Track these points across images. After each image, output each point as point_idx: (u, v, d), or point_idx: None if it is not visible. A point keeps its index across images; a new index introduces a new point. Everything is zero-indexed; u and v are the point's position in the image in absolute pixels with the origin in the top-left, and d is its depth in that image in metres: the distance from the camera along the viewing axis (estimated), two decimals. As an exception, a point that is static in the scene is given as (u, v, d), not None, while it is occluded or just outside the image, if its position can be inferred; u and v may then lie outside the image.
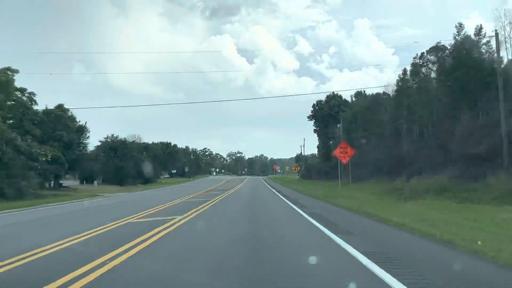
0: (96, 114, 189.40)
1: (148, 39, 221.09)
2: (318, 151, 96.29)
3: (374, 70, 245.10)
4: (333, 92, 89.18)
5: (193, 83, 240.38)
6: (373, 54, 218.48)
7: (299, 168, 52.33)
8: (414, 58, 50.82)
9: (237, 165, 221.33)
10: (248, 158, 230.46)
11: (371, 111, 54.96)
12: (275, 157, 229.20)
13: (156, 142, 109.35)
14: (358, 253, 7.27)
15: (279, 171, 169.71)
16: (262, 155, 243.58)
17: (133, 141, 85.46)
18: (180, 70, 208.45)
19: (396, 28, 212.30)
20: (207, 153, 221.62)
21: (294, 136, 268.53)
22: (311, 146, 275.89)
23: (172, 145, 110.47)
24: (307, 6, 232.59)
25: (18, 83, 34.20)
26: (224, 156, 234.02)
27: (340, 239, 8.92)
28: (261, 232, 10.71)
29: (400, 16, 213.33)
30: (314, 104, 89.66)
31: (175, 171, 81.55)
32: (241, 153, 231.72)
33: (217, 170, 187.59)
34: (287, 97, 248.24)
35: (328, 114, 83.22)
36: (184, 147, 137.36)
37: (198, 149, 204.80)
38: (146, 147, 79.49)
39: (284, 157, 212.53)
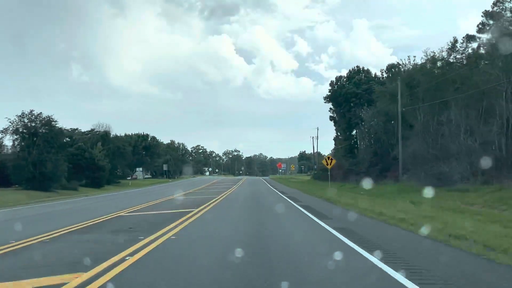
0: (94, 109, 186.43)
1: (146, 39, 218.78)
2: (335, 144, 74.72)
3: (372, 70, 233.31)
4: (357, 66, 67.61)
5: (191, 83, 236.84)
6: (372, 55, 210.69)
7: (334, 161, 30.23)
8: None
9: (234, 164, 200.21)
10: (246, 157, 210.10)
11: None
12: (274, 157, 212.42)
13: (130, 133, 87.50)
14: None
15: (281, 170, 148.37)
16: (261, 154, 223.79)
17: (92, 129, 63.87)
18: (178, 70, 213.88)
19: (395, 29, 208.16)
20: (201, 150, 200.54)
21: (293, 136, 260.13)
22: (320, 142, 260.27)
23: (150, 137, 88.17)
24: (306, 6, 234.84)
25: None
26: (220, 154, 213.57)
27: None
28: None
29: (399, 16, 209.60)
30: (332, 82, 68.07)
31: (140, 169, 59.44)
32: (239, 151, 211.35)
33: (210, 169, 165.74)
34: (287, 97, 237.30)
35: (353, 93, 61.53)
36: (170, 141, 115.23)
37: (190, 146, 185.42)
38: (103, 136, 57.58)
39: (284, 157, 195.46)
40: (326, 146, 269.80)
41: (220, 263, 7.29)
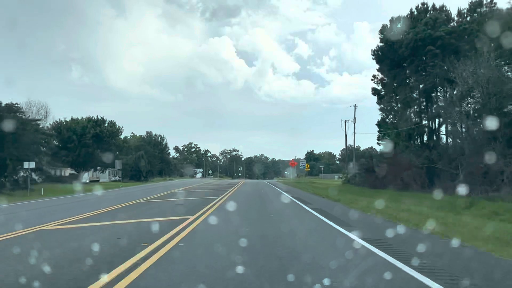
0: (94, 110, 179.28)
1: (147, 40, 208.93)
2: (380, 131, 48.45)
3: (373, 71, 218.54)
4: (422, 2, 41.35)
5: (192, 85, 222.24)
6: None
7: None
8: None
9: (233, 165, 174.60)
10: (246, 157, 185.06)
11: None
12: (277, 158, 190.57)
13: (80, 117, 61.21)
14: None
15: (286, 172, 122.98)
16: (262, 155, 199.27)
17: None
18: (179, 72, 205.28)
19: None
20: (193, 149, 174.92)
21: (295, 138, 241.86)
22: (324, 145, 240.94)
23: (107, 123, 61.55)
24: (307, 9, 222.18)
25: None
26: (217, 154, 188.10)
27: None
28: None
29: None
30: (384, 27, 41.83)
31: (33, 165, 34.99)
32: (238, 151, 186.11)
33: (201, 170, 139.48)
34: (288, 100, 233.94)
35: (429, 38, 35.49)
36: (145, 133, 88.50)
37: (182, 144, 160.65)
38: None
39: (287, 158, 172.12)
40: (338, 145, 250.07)
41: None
